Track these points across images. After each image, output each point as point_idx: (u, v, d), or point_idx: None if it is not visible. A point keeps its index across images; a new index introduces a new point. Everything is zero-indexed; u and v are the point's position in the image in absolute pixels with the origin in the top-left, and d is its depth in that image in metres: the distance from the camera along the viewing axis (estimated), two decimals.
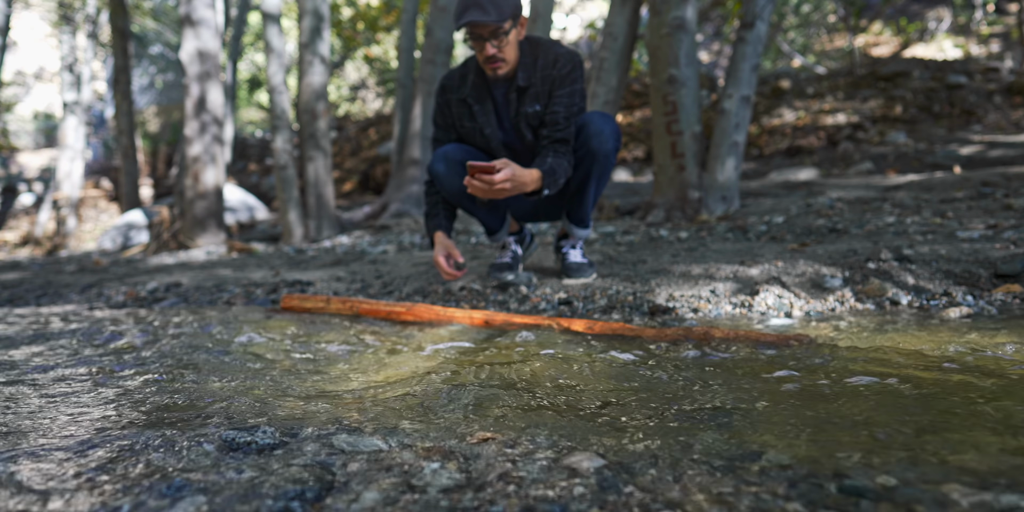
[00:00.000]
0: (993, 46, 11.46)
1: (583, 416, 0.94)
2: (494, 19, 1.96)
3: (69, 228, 11.67)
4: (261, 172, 13.63)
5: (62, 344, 1.65)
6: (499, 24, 1.98)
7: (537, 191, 2.04)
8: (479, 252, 3.59)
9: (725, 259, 2.48)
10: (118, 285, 3.37)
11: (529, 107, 2.17)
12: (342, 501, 0.65)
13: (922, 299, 1.85)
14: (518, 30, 2.09)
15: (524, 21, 2.10)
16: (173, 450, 0.79)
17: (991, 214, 3.03)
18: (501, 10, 1.97)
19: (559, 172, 2.08)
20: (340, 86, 16.95)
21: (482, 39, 2.04)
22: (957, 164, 5.98)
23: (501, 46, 2.05)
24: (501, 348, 1.46)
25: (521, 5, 2.05)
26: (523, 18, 2.08)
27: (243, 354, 1.48)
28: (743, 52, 4.11)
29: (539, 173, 2.01)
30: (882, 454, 0.73)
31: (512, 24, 2.03)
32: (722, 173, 4.12)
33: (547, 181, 2.03)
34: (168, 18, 16.28)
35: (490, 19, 1.95)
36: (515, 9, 2.02)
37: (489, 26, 1.99)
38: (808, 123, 8.34)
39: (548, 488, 0.67)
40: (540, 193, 2.05)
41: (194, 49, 6.06)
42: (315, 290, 2.69)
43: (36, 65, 20.76)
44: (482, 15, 1.95)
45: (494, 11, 1.96)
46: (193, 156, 6.10)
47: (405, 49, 7.79)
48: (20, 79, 18.53)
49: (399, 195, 6.96)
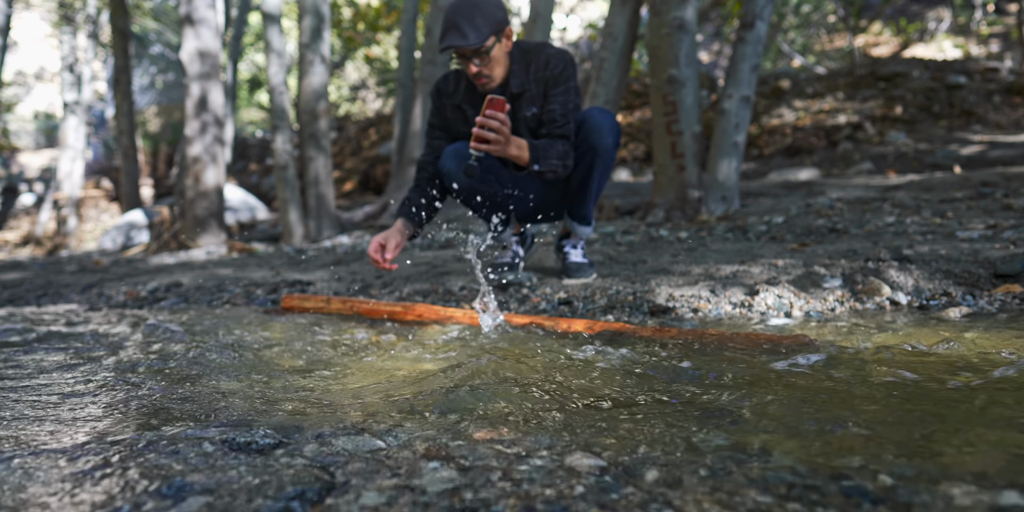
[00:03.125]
0: (993, 46, 11.45)
1: (583, 416, 0.94)
2: (473, 42, 1.97)
3: (70, 228, 11.68)
4: (261, 172, 13.63)
5: (61, 344, 1.65)
6: (480, 45, 1.99)
7: (527, 165, 2.05)
8: (479, 252, 3.59)
9: (725, 259, 2.48)
10: (119, 285, 3.37)
11: (526, 111, 2.18)
12: (342, 501, 0.65)
13: (922, 299, 1.85)
14: (503, 43, 2.09)
15: (509, 32, 2.09)
16: (173, 450, 0.79)
17: (991, 214, 3.03)
18: (480, 31, 1.98)
19: (551, 152, 2.09)
20: (340, 86, 16.95)
21: (466, 58, 2.06)
22: (957, 164, 5.98)
23: (485, 64, 2.07)
24: (501, 348, 1.47)
25: (504, 19, 2.04)
26: (508, 30, 2.07)
27: (243, 354, 1.48)
28: (743, 52, 4.11)
29: (526, 142, 2.03)
30: (882, 454, 0.73)
31: (495, 40, 2.03)
32: (722, 173, 4.12)
33: (535, 155, 2.05)
34: (168, 18, 16.28)
35: (469, 43, 1.97)
36: (497, 25, 2.02)
37: (470, 48, 2.00)
38: (808, 123, 8.34)
39: (548, 488, 0.67)
40: (530, 168, 2.06)
41: (194, 49, 6.06)
42: (315, 290, 2.69)
43: (37, 65, 20.76)
44: (461, 39, 1.97)
45: (473, 34, 1.97)
46: (194, 156, 6.10)
47: (405, 49, 7.79)
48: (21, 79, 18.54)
49: (399, 195, 6.96)
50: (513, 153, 2.00)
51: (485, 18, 1.98)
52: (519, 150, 2.01)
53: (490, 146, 1.92)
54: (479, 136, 1.89)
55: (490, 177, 2.24)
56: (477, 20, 1.97)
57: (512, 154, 2.00)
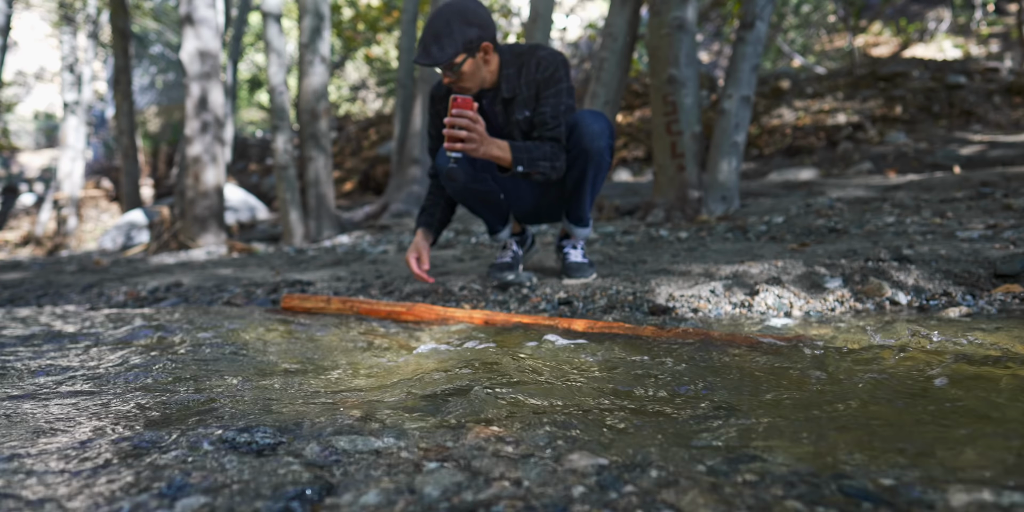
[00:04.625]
0: (993, 46, 11.45)
1: (583, 415, 0.94)
2: (439, 60, 2.00)
3: (70, 228, 11.68)
4: (261, 172, 13.63)
5: (60, 344, 1.65)
6: (446, 62, 2.01)
7: (511, 167, 2.06)
8: (479, 252, 3.59)
9: (725, 259, 2.48)
10: (119, 285, 3.37)
11: (519, 114, 2.19)
12: (342, 501, 0.65)
13: (921, 299, 1.85)
14: (478, 58, 2.09)
15: (487, 47, 2.08)
16: (173, 450, 0.79)
17: (991, 214, 3.03)
18: (445, 50, 2.00)
19: (536, 153, 2.09)
20: (340, 86, 16.95)
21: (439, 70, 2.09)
22: (957, 164, 5.98)
23: (458, 78, 2.09)
24: (501, 348, 1.47)
25: (478, 36, 2.03)
26: (484, 45, 2.07)
27: (243, 354, 1.48)
28: (743, 52, 4.11)
29: (507, 143, 2.03)
30: (882, 454, 0.73)
31: (466, 56, 2.04)
32: (722, 173, 4.12)
33: (517, 156, 2.05)
34: (168, 18, 16.29)
35: (432, 61, 2.00)
36: (466, 44, 2.02)
37: (436, 65, 2.03)
38: (808, 123, 8.34)
39: (548, 488, 0.67)
40: (514, 169, 2.06)
41: (195, 49, 6.06)
42: (315, 290, 2.69)
43: (37, 65, 20.75)
44: (426, 58, 2.00)
45: (438, 53, 2.00)
46: (194, 156, 6.10)
47: (405, 49, 7.79)
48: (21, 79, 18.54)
49: (399, 195, 6.96)
50: (494, 153, 2.00)
51: (453, 38, 2.00)
52: (500, 151, 2.01)
53: (465, 145, 1.92)
54: (450, 136, 1.90)
55: (486, 177, 2.24)
56: (444, 40, 2.00)
57: (493, 154, 2.00)
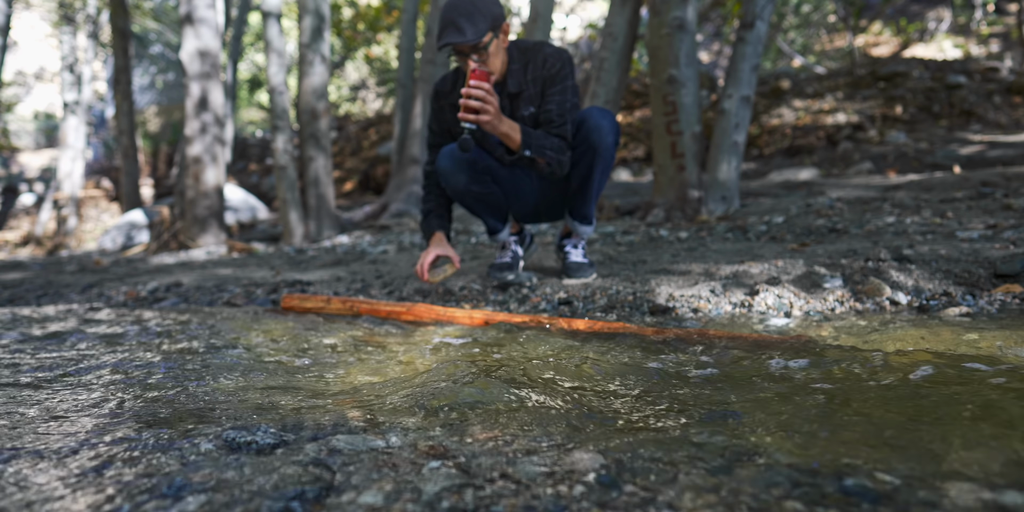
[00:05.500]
0: (993, 46, 11.45)
1: (583, 415, 0.94)
2: (471, 38, 1.97)
3: (70, 228, 11.68)
4: (261, 172, 13.63)
5: (60, 344, 1.65)
6: (477, 41, 1.99)
7: (519, 149, 2.08)
8: (479, 252, 3.59)
9: (725, 259, 2.48)
10: (118, 285, 3.37)
11: (524, 110, 2.19)
12: (342, 501, 0.65)
13: (921, 299, 1.85)
14: (500, 39, 2.09)
15: (507, 28, 2.09)
16: (173, 450, 0.79)
17: (991, 214, 3.03)
18: (477, 27, 1.97)
19: (544, 142, 2.11)
20: (340, 86, 16.95)
21: (464, 55, 2.06)
22: (957, 164, 5.97)
23: (483, 60, 2.06)
24: (501, 348, 1.47)
25: (500, 14, 2.04)
26: (505, 25, 2.07)
27: (243, 354, 1.48)
28: (743, 52, 4.11)
29: (519, 126, 2.06)
30: (882, 453, 0.73)
31: (492, 36, 2.03)
32: (722, 173, 4.12)
33: (527, 139, 2.07)
34: (168, 18, 16.28)
35: (466, 39, 1.97)
36: (494, 21, 2.01)
37: (468, 45, 2.00)
38: (808, 123, 8.34)
39: (548, 487, 0.67)
40: (521, 152, 2.08)
41: (195, 49, 6.06)
42: (315, 290, 2.69)
43: (37, 65, 20.76)
44: (458, 36, 1.97)
45: (470, 30, 1.97)
46: (194, 156, 6.10)
47: (405, 49, 7.79)
48: (21, 79, 18.54)
49: (399, 195, 6.96)
50: (504, 130, 2.03)
51: (482, 14, 1.99)
52: (511, 130, 2.04)
53: (479, 117, 1.93)
54: (466, 106, 1.91)
55: (486, 178, 2.24)
56: (475, 16, 1.98)
57: (503, 131, 2.03)
